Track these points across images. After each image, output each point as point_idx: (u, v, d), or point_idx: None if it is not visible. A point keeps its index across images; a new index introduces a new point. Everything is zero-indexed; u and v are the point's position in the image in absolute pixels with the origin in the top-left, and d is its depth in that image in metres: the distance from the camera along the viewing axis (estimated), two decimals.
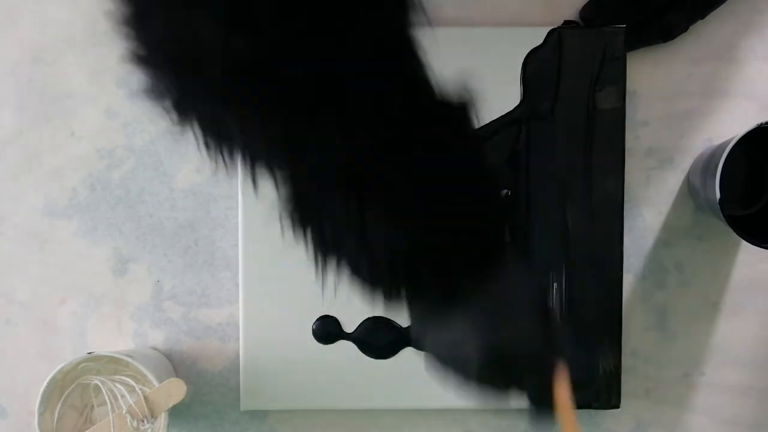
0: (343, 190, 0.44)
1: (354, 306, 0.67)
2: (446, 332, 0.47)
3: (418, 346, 0.49)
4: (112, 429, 0.62)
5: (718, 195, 0.60)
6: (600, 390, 0.67)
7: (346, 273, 0.46)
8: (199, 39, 0.40)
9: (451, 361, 0.48)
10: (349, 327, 0.68)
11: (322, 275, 0.47)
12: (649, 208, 0.69)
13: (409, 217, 0.44)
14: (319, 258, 0.47)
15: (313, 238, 0.46)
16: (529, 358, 0.47)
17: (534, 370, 0.47)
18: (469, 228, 0.46)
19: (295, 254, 0.68)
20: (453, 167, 0.45)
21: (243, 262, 0.67)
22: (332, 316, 0.67)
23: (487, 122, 0.67)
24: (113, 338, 0.69)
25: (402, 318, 0.49)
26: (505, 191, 0.66)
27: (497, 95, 0.67)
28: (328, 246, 0.46)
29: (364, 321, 0.67)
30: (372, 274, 0.46)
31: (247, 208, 0.67)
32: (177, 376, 0.68)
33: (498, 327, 0.46)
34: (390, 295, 0.47)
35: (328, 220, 0.45)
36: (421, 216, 0.44)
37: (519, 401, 0.48)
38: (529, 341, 0.47)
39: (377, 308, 0.48)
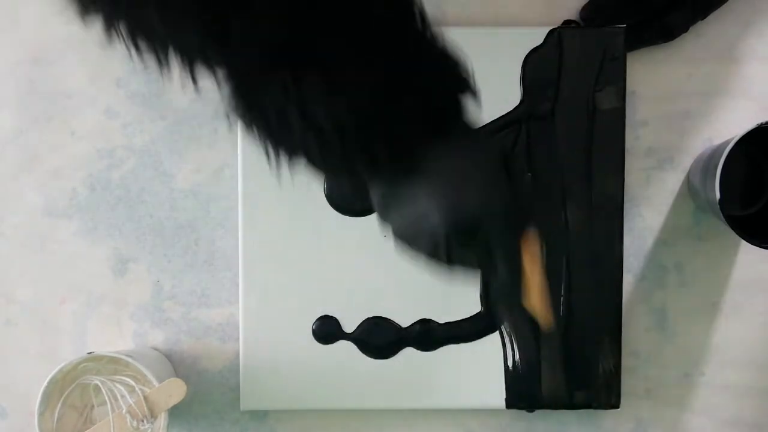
0: (278, 71, 0.42)
1: (354, 306, 0.68)
2: (409, 206, 0.46)
3: (384, 226, 0.48)
4: (112, 429, 0.62)
5: (718, 195, 0.60)
6: (600, 390, 0.67)
7: (300, 161, 0.45)
8: None
9: (419, 236, 0.46)
10: (349, 327, 0.68)
11: (276, 167, 0.45)
12: (649, 208, 0.69)
13: (349, 88, 0.42)
14: (270, 149, 0.45)
15: (260, 129, 0.45)
16: (496, 218, 0.45)
17: (502, 232, 0.45)
18: (416, 93, 0.44)
19: (295, 254, 0.68)
20: (390, 34, 0.44)
21: (243, 262, 0.67)
22: (332, 316, 0.67)
23: (487, 122, 0.67)
24: (113, 338, 0.69)
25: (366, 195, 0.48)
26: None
27: (497, 95, 0.67)
28: (275, 135, 0.45)
29: (364, 321, 0.68)
30: (323, 155, 0.44)
31: (247, 208, 0.67)
32: (177, 376, 0.68)
33: (461, 192, 0.45)
34: (348, 173, 0.45)
35: (271, 107, 0.43)
36: (363, 86, 0.43)
37: (489, 272, 0.47)
38: (494, 202, 0.45)
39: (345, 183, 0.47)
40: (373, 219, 0.67)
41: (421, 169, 0.45)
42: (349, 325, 0.68)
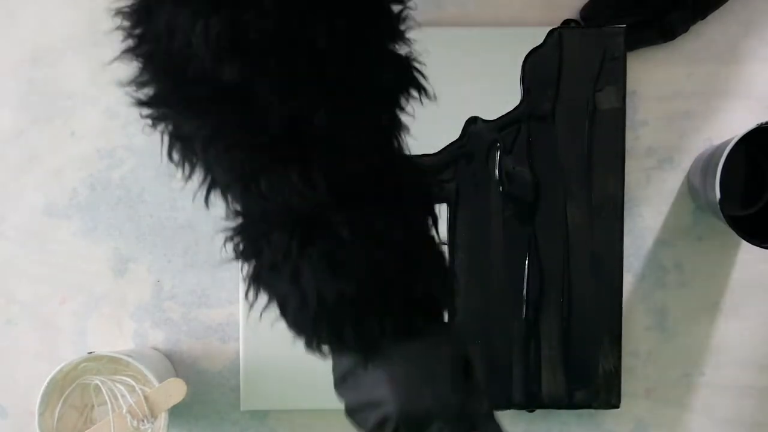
0: (289, 231, 0.44)
1: None
2: (366, 388, 0.47)
3: (339, 399, 0.50)
4: (112, 429, 0.62)
5: (718, 195, 0.60)
6: (600, 390, 0.67)
7: (276, 310, 0.47)
8: (193, 52, 0.40)
9: (369, 419, 0.47)
10: None
11: (251, 307, 0.47)
12: (649, 208, 0.69)
13: (344, 273, 0.44)
14: (253, 287, 0.46)
15: (249, 270, 0.46)
16: (449, 415, 0.46)
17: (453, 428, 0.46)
18: (401, 290, 0.45)
19: None
20: (401, 231, 0.45)
21: None
22: None
23: (487, 122, 0.67)
24: (113, 338, 0.69)
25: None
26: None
27: (497, 95, 0.67)
28: (261, 281, 0.46)
29: None
30: (298, 317, 0.46)
31: None
32: (177, 376, 0.68)
33: (419, 385, 0.46)
34: (311, 344, 0.47)
35: (268, 255, 0.45)
36: (356, 274, 0.44)
37: None
38: (449, 401, 0.46)
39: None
40: None
41: (384, 356, 0.46)
42: None
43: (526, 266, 0.67)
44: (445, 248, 0.48)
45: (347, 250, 0.44)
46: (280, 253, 0.44)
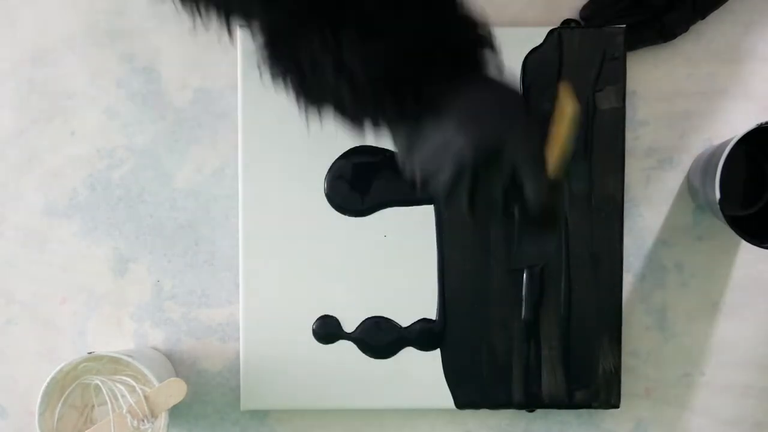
0: (317, 24, 0.46)
1: (354, 306, 0.68)
2: (434, 139, 0.48)
3: (409, 174, 0.51)
4: (112, 429, 0.62)
5: (718, 195, 0.60)
6: (600, 390, 0.67)
7: (330, 111, 0.48)
8: None
9: (444, 167, 0.48)
10: (349, 327, 0.68)
11: (306, 115, 0.49)
12: (649, 208, 0.69)
13: (382, 40, 0.46)
14: (302, 100, 0.48)
15: (293, 80, 0.48)
16: (517, 134, 0.48)
17: (526, 142, 0.48)
18: (441, 44, 0.48)
19: (295, 254, 0.68)
20: None
21: (243, 262, 0.67)
22: (332, 316, 0.67)
23: None
24: (113, 338, 0.69)
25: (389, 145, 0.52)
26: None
27: None
28: (308, 84, 0.48)
29: (364, 321, 0.68)
30: (355, 103, 0.48)
31: (247, 208, 0.67)
32: (177, 376, 0.68)
33: (484, 118, 0.48)
34: (376, 121, 0.48)
35: (306, 58, 0.47)
36: (395, 38, 0.46)
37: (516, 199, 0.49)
38: (515, 122, 0.48)
39: (363, 137, 0.50)
40: (373, 219, 0.67)
41: (444, 108, 0.48)
42: (349, 325, 0.68)
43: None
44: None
45: (380, 23, 0.46)
46: (318, 49, 0.46)
